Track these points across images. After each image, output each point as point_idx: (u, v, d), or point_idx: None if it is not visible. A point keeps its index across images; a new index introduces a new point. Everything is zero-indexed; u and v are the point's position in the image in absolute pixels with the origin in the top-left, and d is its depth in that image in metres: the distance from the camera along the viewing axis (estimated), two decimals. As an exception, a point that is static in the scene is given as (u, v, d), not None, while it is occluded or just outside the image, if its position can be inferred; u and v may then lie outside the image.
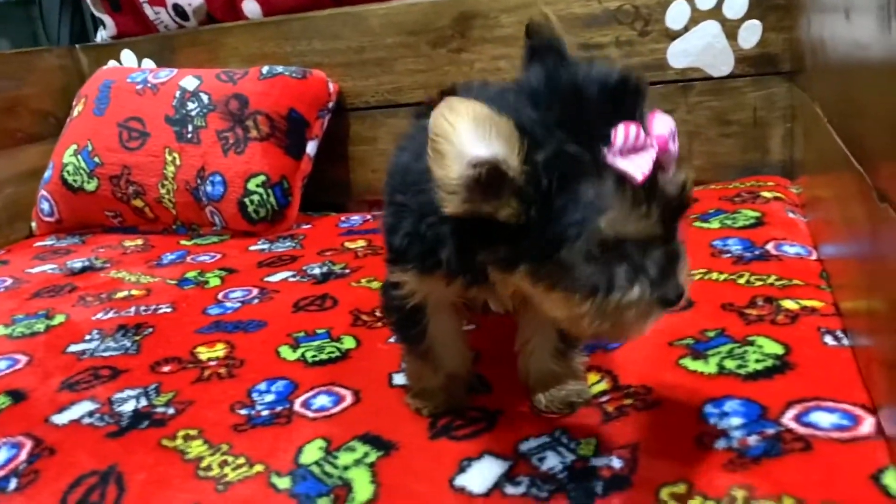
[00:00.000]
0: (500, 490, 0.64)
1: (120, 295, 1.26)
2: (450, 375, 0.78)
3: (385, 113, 1.72)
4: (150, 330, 1.09)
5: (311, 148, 1.65)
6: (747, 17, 1.45)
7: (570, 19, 1.54)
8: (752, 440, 0.63)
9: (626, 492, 0.61)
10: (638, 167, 0.51)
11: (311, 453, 0.73)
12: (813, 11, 1.11)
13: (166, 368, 0.96)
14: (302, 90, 1.62)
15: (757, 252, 1.05)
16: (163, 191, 1.61)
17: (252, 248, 1.50)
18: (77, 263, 1.47)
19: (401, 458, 0.71)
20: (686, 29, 1.49)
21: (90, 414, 0.86)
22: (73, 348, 1.05)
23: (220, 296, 1.22)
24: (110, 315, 1.17)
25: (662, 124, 0.54)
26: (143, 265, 1.43)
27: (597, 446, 0.67)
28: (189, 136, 1.58)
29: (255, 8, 1.77)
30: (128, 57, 1.91)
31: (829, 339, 0.79)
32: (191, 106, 1.61)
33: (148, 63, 1.87)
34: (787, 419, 0.65)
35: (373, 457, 0.71)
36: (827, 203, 1.01)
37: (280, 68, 1.64)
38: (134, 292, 1.27)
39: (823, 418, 0.65)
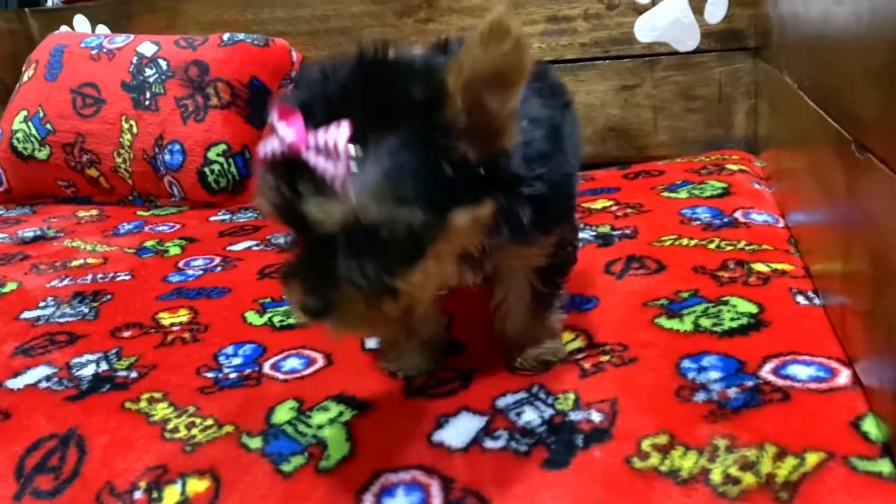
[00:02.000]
0: (478, 444, 0.63)
1: (75, 263, 1.21)
2: (424, 341, 0.76)
3: (350, 84, 1.69)
4: (109, 297, 1.05)
5: (273, 118, 1.61)
6: (723, -9, 1.46)
7: (539, -9, 1.53)
8: (732, 392, 0.63)
9: (606, 444, 0.60)
10: (262, 145, 0.52)
11: (283, 413, 0.71)
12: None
13: (127, 334, 0.92)
14: (264, 58, 1.58)
15: (726, 219, 1.06)
16: (119, 160, 1.55)
17: (212, 218, 1.46)
18: (28, 233, 1.42)
19: (377, 417, 0.69)
20: (653, 3, 1.49)
21: (47, 378, 0.82)
22: (27, 315, 1.01)
23: (180, 264, 1.18)
24: (66, 283, 1.12)
25: (322, 136, 0.49)
26: (98, 234, 1.38)
27: (575, 401, 0.67)
28: (147, 103, 1.53)
29: (216, -26, 1.72)
30: (81, 23, 1.84)
31: (800, 299, 0.80)
32: (149, 72, 1.55)
33: (102, 29, 1.80)
34: (765, 372, 0.66)
35: (347, 415, 0.69)
36: (797, 173, 1.02)
37: (241, 35, 1.60)
38: (90, 260, 1.22)
39: (801, 371, 0.65)
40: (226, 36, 1.59)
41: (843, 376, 0.64)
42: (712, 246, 0.97)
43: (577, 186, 0.73)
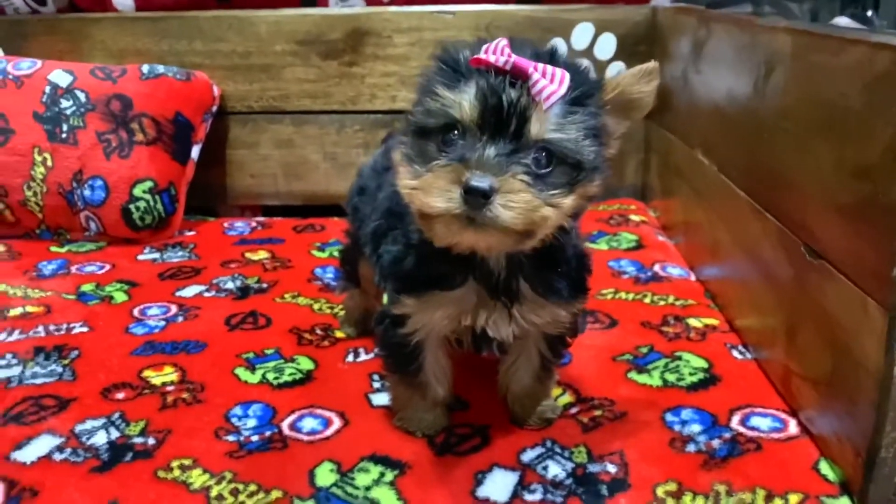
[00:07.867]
0: (520, 498, 0.73)
1: (14, 313, 1.17)
2: (437, 400, 0.85)
3: (269, 119, 1.72)
4: (76, 352, 1.04)
5: (195, 153, 1.60)
6: (614, 58, 1.65)
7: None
8: (716, 444, 0.78)
9: (628, 492, 0.73)
10: (478, 53, 0.63)
11: (325, 476, 0.77)
12: (689, 66, 1.31)
13: (120, 395, 0.93)
14: (187, 93, 1.57)
15: (649, 273, 1.24)
16: (29, 192, 1.48)
17: (140, 257, 1.44)
18: (-65, 274, 1.32)
19: (417, 476, 0.77)
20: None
21: (59, 449, 0.82)
22: (-7, 375, 0.98)
23: (135, 312, 1.18)
24: (16, 336, 1.08)
25: (550, 67, 0.62)
26: (21, 276, 1.32)
27: (588, 454, 0.79)
28: (64, 136, 1.47)
29: (128, 1, 1.68)
30: (-34, 39, 1.71)
31: (736, 353, 0.97)
32: (65, 104, 1.49)
33: (-7, 49, 1.69)
34: (735, 424, 0.82)
35: (390, 476, 0.77)
36: (705, 230, 1.21)
37: (161, 68, 1.58)
38: (30, 309, 1.18)
39: (762, 422, 0.82)
40: (145, 68, 1.56)
41: (792, 425, 0.81)
42: (647, 300, 1.14)
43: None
